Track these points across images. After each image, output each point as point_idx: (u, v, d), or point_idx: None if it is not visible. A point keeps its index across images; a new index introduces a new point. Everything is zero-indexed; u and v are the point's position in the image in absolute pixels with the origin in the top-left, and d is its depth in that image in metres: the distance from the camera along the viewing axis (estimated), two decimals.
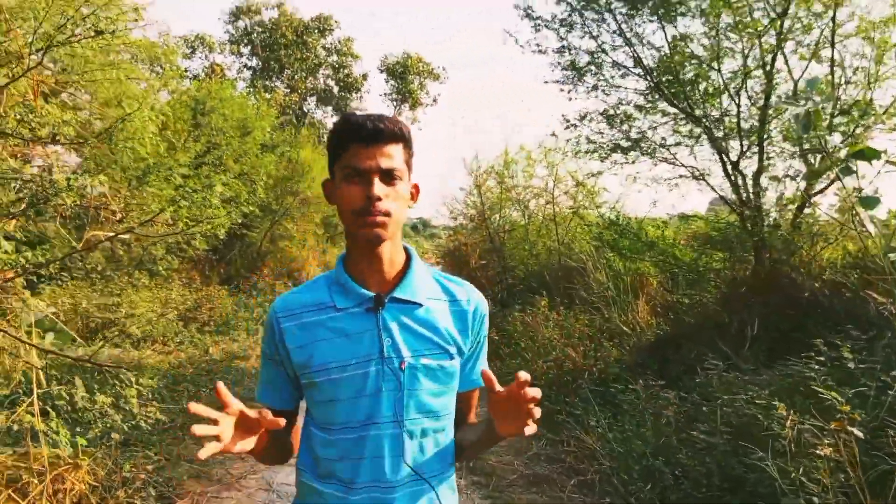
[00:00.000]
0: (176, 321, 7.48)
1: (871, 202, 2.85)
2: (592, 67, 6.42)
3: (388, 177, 1.16)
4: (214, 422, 1.01)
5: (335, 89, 29.65)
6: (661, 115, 6.28)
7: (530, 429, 1.05)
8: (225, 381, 5.76)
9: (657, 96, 6.04)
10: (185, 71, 10.26)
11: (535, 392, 1.05)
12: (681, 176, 6.59)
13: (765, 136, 5.31)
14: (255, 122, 11.81)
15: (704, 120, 5.72)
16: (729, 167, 5.54)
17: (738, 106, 5.44)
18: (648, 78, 6.02)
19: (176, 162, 8.93)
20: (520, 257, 9.93)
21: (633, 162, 7.03)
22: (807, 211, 5.12)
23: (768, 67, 5.22)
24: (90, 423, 3.66)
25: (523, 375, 1.02)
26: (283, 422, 1.04)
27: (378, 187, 1.14)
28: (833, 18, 4.83)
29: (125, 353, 6.19)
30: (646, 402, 4.22)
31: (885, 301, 3.50)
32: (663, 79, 5.83)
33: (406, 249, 1.29)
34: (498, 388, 1.09)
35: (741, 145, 5.49)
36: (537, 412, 1.05)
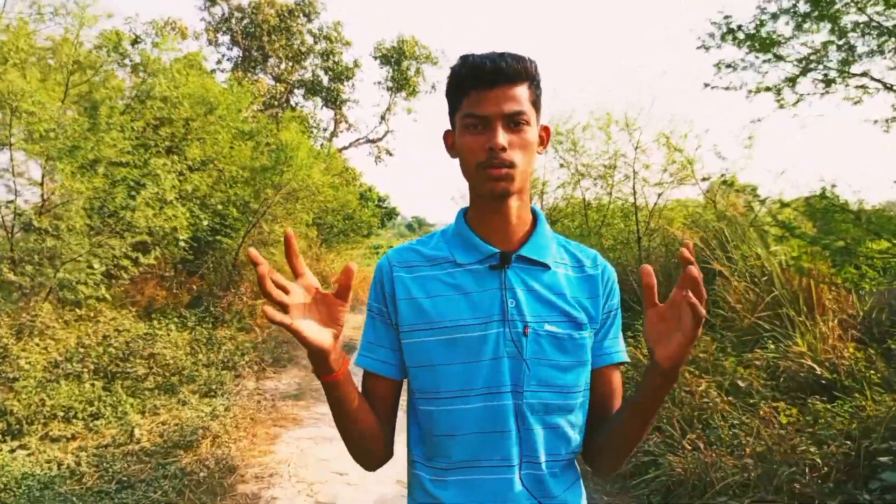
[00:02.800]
0: (90, 379, 4.86)
1: None
2: None
3: (513, 122, 1.03)
4: (284, 289, 0.89)
5: (325, 79, 27.13)
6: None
7: (695, 318, 0.85)
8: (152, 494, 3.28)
9: None
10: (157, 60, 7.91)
11: (696, 272, 0.87)
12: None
13: None
14: (220, 97, 9.21)
15: None
16: None
17: None
18: None
19: (103, 142, 6.30)
20: None
21: (796, 101, 4.47)
22: None
23: None
24: None
25: (693, 271, 0.87)
26: (354, 268, 0.92)
27: (501, 136, 1.01)
28: None
29: None
30: None
31: None
32: None
33: (533, 210, 1.17)
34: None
35: None
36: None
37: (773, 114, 4.68)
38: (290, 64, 25.72)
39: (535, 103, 1.07)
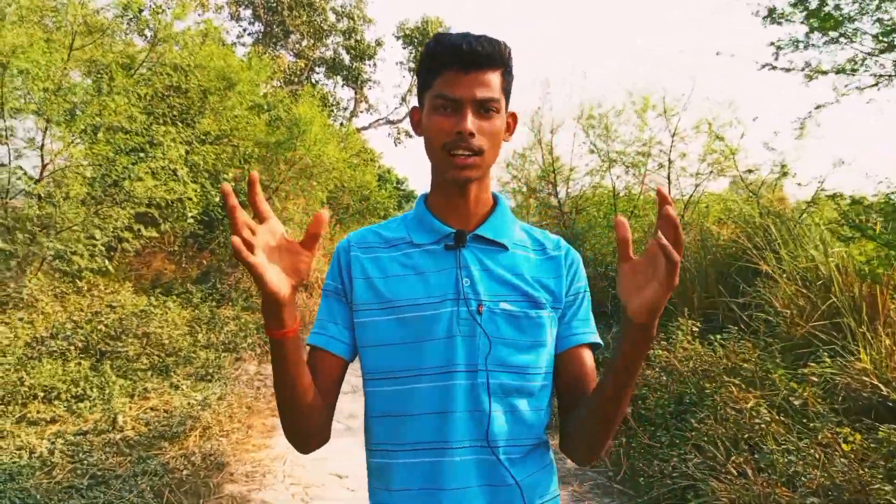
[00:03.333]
0: (77, 358, 4.53)
1: None
2: None
3: (484, 108, 1.01)
4: (252, 231, 0.85)
5: (346, 58, 26.67)
6: None
7: (669, 263, 0.77)
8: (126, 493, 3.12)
9: None
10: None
11: (672, 212, 0.79)
12: None
13: None
14: (240, 71, 8.81)
15: None
16: None
17: None
18: None
19: (107, 107, 5.94)
20: (610, 245, 6.88)
21: (873, 84, 3.98)
22: None
23: None
24: None
25: (669, 210, 0.79)
26: (326, 215, 0.88)
27: (471, 121, 0.99)
28: None
29: None
30: None
31: None
32: None
33: (494, 194, 1.16)
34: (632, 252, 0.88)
35: None
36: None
37: (833, 98, 4.19)
38: (312, 41, 25.31)
39: (506, 90, 1.06)
